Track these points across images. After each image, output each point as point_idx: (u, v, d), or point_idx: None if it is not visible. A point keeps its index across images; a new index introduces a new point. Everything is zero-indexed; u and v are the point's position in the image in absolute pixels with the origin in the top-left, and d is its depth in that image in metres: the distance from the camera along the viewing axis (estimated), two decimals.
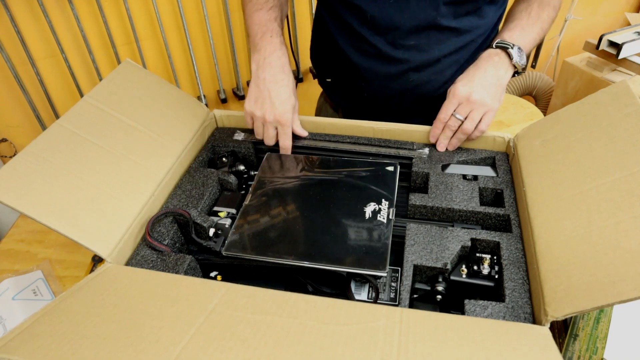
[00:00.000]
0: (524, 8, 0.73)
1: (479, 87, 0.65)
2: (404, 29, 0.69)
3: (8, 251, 0.77)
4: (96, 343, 0.40)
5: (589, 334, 0.56)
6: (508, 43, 0.67)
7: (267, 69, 0.65)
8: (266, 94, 0.65)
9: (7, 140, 1.25)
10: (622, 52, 1.46)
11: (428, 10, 0.67)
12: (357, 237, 0.55)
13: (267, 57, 0.66)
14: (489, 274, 0.52)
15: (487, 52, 0.68)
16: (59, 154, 0.55)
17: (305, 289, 0.55)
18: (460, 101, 0.65)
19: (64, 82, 1.23)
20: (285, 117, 0.65)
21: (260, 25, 0.68)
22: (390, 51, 0.71)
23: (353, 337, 0.41)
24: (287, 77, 0.66)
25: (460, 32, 0.70)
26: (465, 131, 0.66)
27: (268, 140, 0.69)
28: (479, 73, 0.66)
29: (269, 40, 0.66)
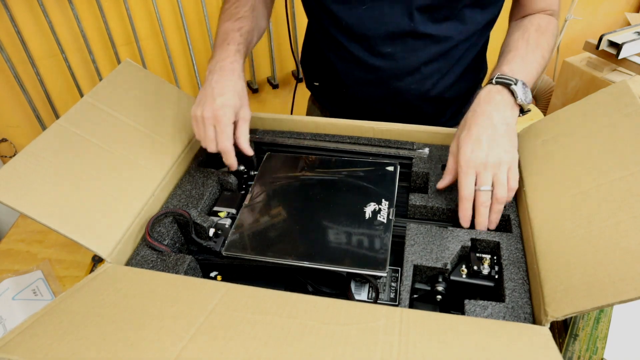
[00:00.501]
0: (520, 36, 0.66)
1: (491, 145, 0.55)
2: (378, 36, 0.68)
3: (8, 251, 0.77)
4: (96, 343, 0.40)
5: (589, 334, 0.56)
6: (510, 78, 0.59)
7: (217, 72, 0.63)
8: (209, 91, 0.62)
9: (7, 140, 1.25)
10: (622, 52, 1.46)
11: (401, 17, 0.65)
12: (357, 237, 0.55)
13: (219, 62, 0.64)
14: (489, 274, 0.52)
15: (486, 90, 0.60)
16: (59, 154, 0.55)
17: (305, 289, 0.55)
18: (477, 170, 0.55)
19: (64, 82, 1.23)
20: (222, 113, 0.60)
21: (221, 34, 0.67)
22: (367, 58, 0.70)
23: (353, 337, 0.41)
24: (235, 80, 0.63)
25: (439, 39, 0.67)
26: (500, 200, 0.55)
27: (207, 143, 0.62)
28: (483, 125, 0.56)
29: (225, 48, 0.65)
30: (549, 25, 0.68)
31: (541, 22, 0.67)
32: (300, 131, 0.74)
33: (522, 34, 0.66)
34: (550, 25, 0.68)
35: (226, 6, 0.71)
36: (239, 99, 0.63)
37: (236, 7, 0.70)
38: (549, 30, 0.67)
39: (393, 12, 0.65)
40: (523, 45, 0.64)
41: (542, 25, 0.67)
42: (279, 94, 1.57)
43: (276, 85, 1.49)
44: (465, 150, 0.56)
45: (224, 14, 0.70)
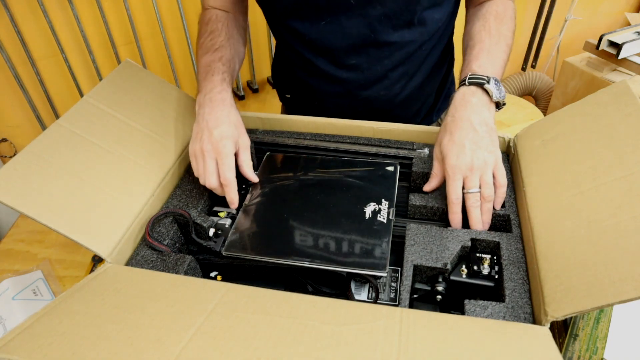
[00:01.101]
0: (481, 27, 0.66)
1: (475, 148, 0.56)
2: (341, 49, 0.68)
3: (8, 251, 0.77)
4: (96, 343, 0.40)
5: (589, 334, 0.56)
6: (482, 77, 0.59)
7: (207, 104, 0.62)
8: (204, 125, 0.60)
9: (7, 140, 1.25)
10: (622, 52, 1.46)
11: (361, 29, 0.65)
12: (357, 237, 0.55)
13: (207, 94, 0.63)
14: (489, 274, 0.52)
15: (460, 94, 0.60)
16: (59, 154, 0.55)
17: (305, 289, 0.55)
18: (464, 175, 0.56)
19: (64, 82, 1.23)
20: (222, 145, 0.58)
21: (203, 67, 0.66)
22: (334, 71, 0.71)
23: (353, 337, 0.41)
24: (228, 110, 0.62)
25: (402, 44, 0.67)
26: (488, 199, 0.57)
27: (208, 177, 0.59)
28: (465, 129, 0.57)
29: (210, 79, 0.64)
30: (507, 10, 0.67)
31: (498, 9, 0.67)
32: (300, 131, 0.74)
33: (483, 25, 0.66)
34: (508, 10, 0.68)
35: (201, 40, 0.69)
36: (235, 129, 0.61)
37: (212, 39, 0.68)
38: (507, 16, 0.67)
39: (352, 25, 0.65)
40: (486, 37, 0.64)
41: (500, 12, 0.67)
42: None
43: None
44: (451, 157, 0.57)
45: (201, 48, 0.69)
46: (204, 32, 0.70)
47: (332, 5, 0.63)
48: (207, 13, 0.73)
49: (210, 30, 0.69)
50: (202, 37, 0.70)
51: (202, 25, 0.72)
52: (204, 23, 0.72)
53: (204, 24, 0.71)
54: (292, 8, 0.66)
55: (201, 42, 0.69)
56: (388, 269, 0.51)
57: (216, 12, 0.72)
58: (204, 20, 0.72)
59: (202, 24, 0.72)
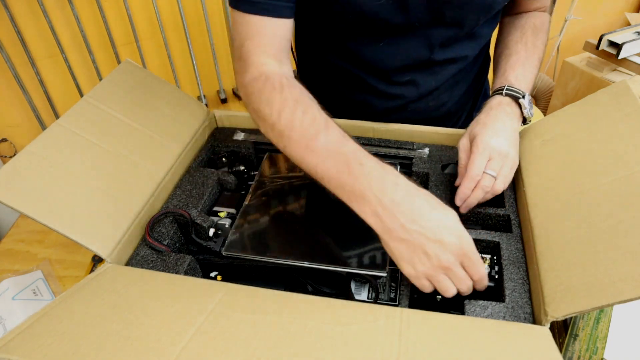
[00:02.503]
0: (518, 38, 0.67)
1: (507, 140, 0.57)
2: (396, 68, 0.67)
3: (8, 251, 0.77)
4: (96, 343, 0.40)
5: (589, 334, 0.56)
6: (518, 91, 0.61)
7: (391, 188, 0.45)
8: (419, 234, 0.44)
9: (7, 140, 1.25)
10: (622, 52, 1.46)
11: (420, 49, 0.64)
12: (357, 237, 0.55)
13: (386, 189, 0.45)
14: (489, 274, 0.52)
15: (496, 101, 0.61)
16: (59, 154, 0.55)
17: (305, 289, 0.55)
18: (492, 155, 0.56)
19: (64, 82, 1.23)
20: (467, 241, 0.45)
21: (333, 157, 0.47)
22: (386, 88, 0.70)
23: (353, 337, 0.41)
24: (425, 192, 0.46)
25: (456, 60, 0.68)
26: (496, 191, 0.56)
27: (463, 285, 0.46)
28: (498, 124, 0.58)
29: (356, 159, 0.47)
30: (543, 24, 0.70)
31: (536, 22, 0.69)
32: None
33: (521, 37, 0.68)
34: (545, 24, 0.70)
35: (291, 119, 0.50)
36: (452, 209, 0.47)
37: (309, 115, 0.50)
38: (543, 30, 0.69)
39: (411, 46, 0.64)
40: (522, 49, 0.66)
41: (537, 25, 0.69)
42: None
43: None
44: (485, 136, 0.57)
45: (300, 133, 0.49)
46: (286, 107, 0.51)
47: (396, 28, 0.61)
48: (268, 77, 0.53)
49: (294, 101, 0.51)
50: (288, 112, 0.50)
51: (274, 95, 0.52)
52: (273, 91, 0.52)
53: (274, 92, 0.52)
54: (353, 30, 0.64)
55: (295, 123, 0.50)
56: (388, 269, 0.51)
57: (275, 72, 0.55)
58: (270, 88, 0.52)
59: (270, 93, 0.52)
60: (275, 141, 0.52)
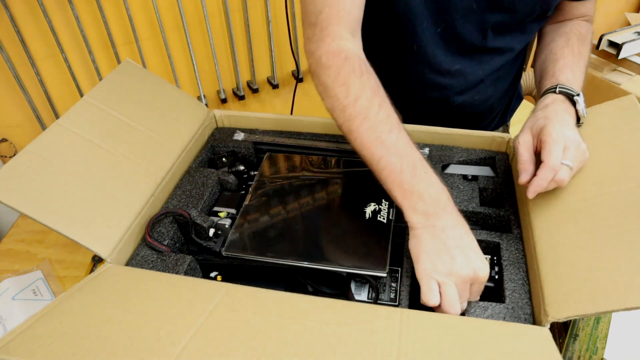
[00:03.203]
0: (564, 44, 0.66)
1: (574, 131, 0.54)
2: (449, 55, 0.67)
3: (8, 251, 0.77)
4: (96, 343, 0.40)
5: (589, 334, 0.56)
6: (572, 90, 0.58)
7: (447, 215, 0.48)
8: (454, 240, 0.47)
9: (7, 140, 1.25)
10: (622, 52, 1.46)
11: (474, 35, 0.65)
12: (357, 237, 0.55)
13: (440, 198, 0.49)
14: (489, 274, 0.52)
15: (550, 98, 0.59)
16: (59, 154, 0.55)
17: (305, 289, 0.55)
18: (566, 144, 0.52)
19: (64, 82, 1.23)
20: (486, 274, 0.47)
21: (402, 155, 0.50)
22: (434, 78, 0.70)
23: (353, 337, 0.41)
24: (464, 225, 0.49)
25: (504, 51, 0.68)
26: (563, 184, 0.52)
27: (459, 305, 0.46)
28: (563, 116, 0.55)
29: (421, 168, 0.50)
30: (588, 33, 0.69)
31: (581, 30, 0.68)
32: (300, 131, 0.74)
33: (567, 42, 0.66)
34: (589, 34, 0.69)
35: (370, 112, 0.51)
36: None
37: (384, 109, 0.52)
38: (587, 39, 0.68)
39: (467, 31, 0.64)
40: (569, 54, 0.65)
41: (583, 33, 0.68)
42: (279, 93, 1.57)
43: (276, 85, 1.49)
44: (556, 125, 0.53)
45: (377, 122, 0.51)
46: (364, 95, 0.51)
47: (453, 8, 0.61)
48: (348, 58, 0.53)
49: (372, 91, 0.52)
50: (364, 100, 0.51)
51: (352, 79, 0.52)
52: (352, 74, 0.52)
53: (354, 75, 0.52)
54: (414, 16, 0.63)
55: (370, 113, 0.51)
56: (388, 269, 0.51)
57: (354, 53, 0.54)
58: (350, 70, 0.52)
59: (349, 75, 0.52)
60: (341, 121, 0.53)
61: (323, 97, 0.54)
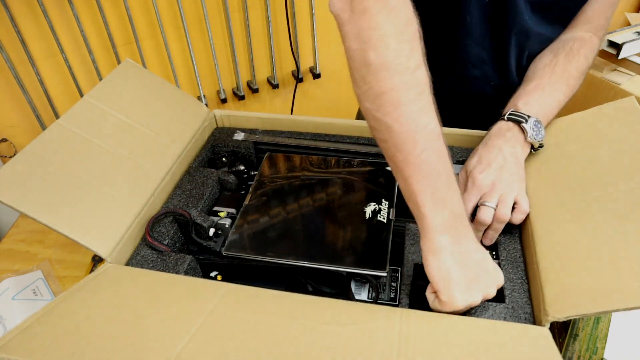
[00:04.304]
0: (547, 62, 0.65)
1: (501, 171, 0.55)
2: (494, 31, 0.66)
3: (8, 251, 0.76)
4: (96, 343, 0.40)
5: (589, 334, 0.56)
6: (522, 115, 0.58)
7: (474, 252, 0.45)
8: (478, 263, 0.45)
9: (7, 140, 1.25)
10: (622, 52, 1.46)
11: (521, 14, 0.63)
12: (357, 237, 0.55)
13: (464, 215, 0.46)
14: None
15: (497, 127, 0.59)
16: (59, 153, 0.55)
17: (305, 289, 0.55)
18: (485, 190, 0.55)
19: (64, 82, 1.23)
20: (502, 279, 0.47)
21: (444, 160, 0.44)
22: (479, 52, 0.69)
23: (353, 337, 0.41)
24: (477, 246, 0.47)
25: (544, 37, 0.67)
26: (502, 218, 0.53)
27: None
28: (493, 153, 0.56)
29: (453, 191, 0.45)
30: (582, 48, 0.65)
31: (574, 46, 0.66)
32: (300, 131, 0.74)
33: (551, 60, 0.65)
34: (584, 47, 0.65)
35: (425, 89, 0.43)
36: None
37: (431, 91, 0.44)
38: (581, 55, 0.64)
39: (513, 8, 0.63)
40: (548, 73, 0.63)
41: (575, 48, 0.65)
42: (279, 93, 1.57)
43: (276, 85, 1.49)
44: (475, 172, 0.56)
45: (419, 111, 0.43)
46: (423, 66, 0.43)
47: None
48: (412, 11, 0.43)
49: (428, 74, 0.44)
50: (423, 72, 0.43)
51: (420, 55, 0.43)
52: (419, 47, 0.43)
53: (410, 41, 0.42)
54: None
55: (425, 90, 0.43)
56: (388, 268, 0.51)
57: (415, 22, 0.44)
58: (417, 38, 0.43)
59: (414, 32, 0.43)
60: (389, 86, 0.41)
61: (372, 45, 0.40)
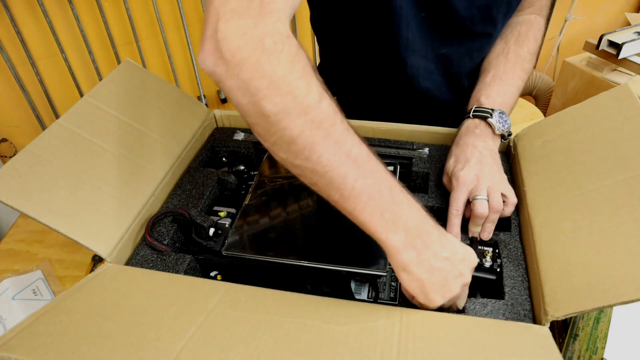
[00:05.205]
0: (500, 50, 0.67)
1: (481, 165, 0.56)
2: (435, 40, 0.66)
3: (8, 251, 0.77)
4: (96, 342, 0.40)
5: (589, 334, 0.56)
6: (486, 110, 0.60)
7: (430, 235, 0.43)
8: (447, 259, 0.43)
9: (7, 140, 1.25)
10: (622, 52, 1.46)
11: (459, 21, 0.64)
12: (357, 236, 0.55)
13: (421, 218, 0.43)
14: (491, 267, 0.52)
15: (465, 125, 0.62)
16: (59, 153, 0.55)
17: (305, 289, 0.55)
18: (470, 186, 0.56)
19: (64, 82, 1.23)
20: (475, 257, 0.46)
21: (376, 175, 0.41)
22: (424, 64, 0.69)
23: (353, 336, 0.41)
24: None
25: (488, 36, 0.67)
26: (497, 208, 0.54)
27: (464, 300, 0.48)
28: (470, 151, 0.58)
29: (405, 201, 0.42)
30: (530, 30, 0.68)
31: (522, 29, 0.68)
32: None
33: (502, 48, 0.67)
34: (532, 29, 0.68)
35: (336, 119, 0.39)
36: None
37: (340, 118, 0.40)
38: (529, 37, 0.67)
39: (451, 20, 0.63)
40: (502, 61, 0.66)
41: (523, 31, 0.68)
42: None
43: None
44: (457, 170, 0.57)
45: (344, 132, 0.39)
46: (327, 96, 0.39)
47: None
48: (299, 46, 0.39)
49: (333, 103, 0.40)
50: (328, 102, 0.39)
51: (311, 75, 0.38)
52: (314, 74, 0.39)
53: (310, 71, 0.39)
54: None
55: (336, 119, 0.39)
56: (388, 268, 0.51)
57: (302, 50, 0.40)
58: (305, 63, 0.38)
59: (306, 68, 0.38)
60: (298, 130, 0.37)
61: (263, 95, 0.37)
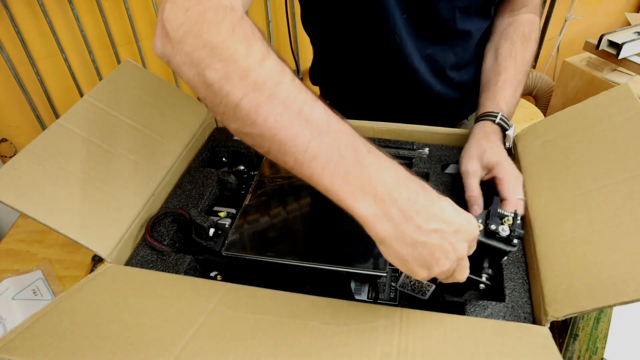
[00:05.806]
0: (508, 52, 0.69)
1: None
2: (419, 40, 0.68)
3: (8, 251, 0.77)
4: (96, 343, 0.40)
5: (589, 334, 0.56)
6: (508, 123, 0.64)
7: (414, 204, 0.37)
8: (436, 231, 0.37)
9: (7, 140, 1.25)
10: (622, 52, 1.46)
11: (444, 20, 0.65)
12: (357, 236, 0.55)
13: (400, 184, 0.37)
14: (508, 237, 0.44)
15: (492, 128, 0.63)
16: (59, 153, 0.55)
17: (305, 289, 0.55)
18: (520, 183, 0.58)
19: (64, 82, 1.23)
20: (475, 223, 0.41)
21: (335, 134, 0.36)
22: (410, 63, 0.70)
23: (353, 337, 0.41)
24: (425, 184, 0.39)
25: (474, 33, 0.69)
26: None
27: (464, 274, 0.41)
28: (501, 151, 0.61)
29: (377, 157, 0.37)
30: (532, 31, 0.70)
31: (525, 30, 0.70)
32: None
33: (511, 50, 0.69)
34: (533, 31, 0.70)
35: (283, 77, 0.35)
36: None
37: (293, 78, 0.36)
38: (531, 39, 0.69)
39: (435, 17, 0.64)
40: (512, 64, 0.68)
41: (526, 33, 0.69)
42: None
43: None
44: (509, 162, 0.59)
45: (294, 89, 0.35)
46: (272, 56, 0.36)
47: None
48: (244, 18, 0.38)
49: (278, 56, 0.37)
50: (273, 62, 0.36)
51: (254, 34, 0.36)
52: (260, 39, 0.37)
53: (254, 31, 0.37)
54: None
55: (283, 78, 0.36)
56: (388, 268, 0.51)
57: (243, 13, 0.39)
58: (248, 25, 0.37)
59: (250, 28, 0.37)
60: (240, 95, 0.34)
61: (205, 64, 0.35)
